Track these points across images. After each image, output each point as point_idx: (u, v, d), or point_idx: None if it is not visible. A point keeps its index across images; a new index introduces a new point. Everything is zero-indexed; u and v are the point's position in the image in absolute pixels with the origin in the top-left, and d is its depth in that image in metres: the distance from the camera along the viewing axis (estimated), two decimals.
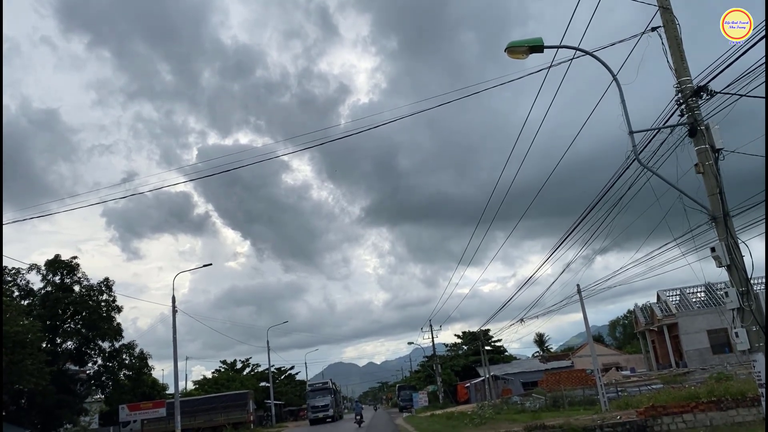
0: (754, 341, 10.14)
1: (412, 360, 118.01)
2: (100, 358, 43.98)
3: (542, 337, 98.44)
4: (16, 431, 34.36)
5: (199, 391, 67.50)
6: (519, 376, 61.99)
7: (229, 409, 51.01)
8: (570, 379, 47.63)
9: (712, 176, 10.88)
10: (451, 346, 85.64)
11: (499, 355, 77.92)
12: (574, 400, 35.67)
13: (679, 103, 11.28)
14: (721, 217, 10.71)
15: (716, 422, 21.04)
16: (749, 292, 10.33)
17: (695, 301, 52.49)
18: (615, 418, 23.39)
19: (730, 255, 10.48)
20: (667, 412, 21.91)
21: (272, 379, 74.68)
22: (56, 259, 42.03)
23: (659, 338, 54.38)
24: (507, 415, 32.48)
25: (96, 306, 41.94)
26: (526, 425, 24.18)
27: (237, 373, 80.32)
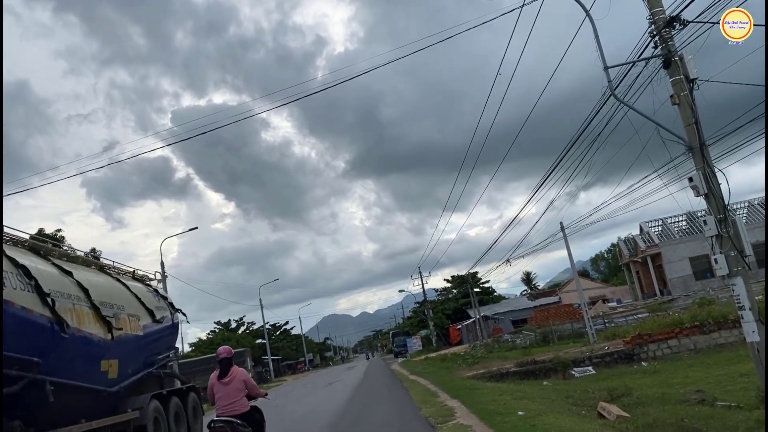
0: (733, 266, 10.42)
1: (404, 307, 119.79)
2: None
3: (529, 276, 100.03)
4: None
5: (195, 353, 68.22)
6: (509, 315, 63.22)
7: None
8: (558, 315, 48.69)
9: (687, 107, 10.95)
10: (441, 291, 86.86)
11: (488, 296, 79.21)
12: (563, 335, 36.61)
13: (652, 34, 11.23)
14: (698, 146, 10.83)
15: (699, 345, 21.81)
16: (726, 218, 10.55)
17: (677, 230, 53.38)
18: (603, 349, 24.14)
19: (708, 184, 10.65)
20: (652, 340, 22.64)
21: (268, 336, 75.62)
22: (40, 232, 41.64)
23: (643, 269, 55.48)
24: (499, 354, 33.32)
25: None
26: (518, 361, 24.90)
27: (232, 332, 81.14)
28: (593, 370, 21.60)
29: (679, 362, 20.12)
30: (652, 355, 22.15)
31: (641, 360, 21.88)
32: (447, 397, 16.13)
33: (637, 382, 16.49)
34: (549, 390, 16.94)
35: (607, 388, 14.74)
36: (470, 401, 13.92)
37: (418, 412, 13.74)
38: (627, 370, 20.56)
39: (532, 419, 10.08)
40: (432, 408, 13.95)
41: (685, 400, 12.01)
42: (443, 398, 15.97)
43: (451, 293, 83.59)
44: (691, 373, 17.17)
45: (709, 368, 17.66)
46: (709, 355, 20.34)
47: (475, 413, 11.89)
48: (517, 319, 59.88)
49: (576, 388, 16.69)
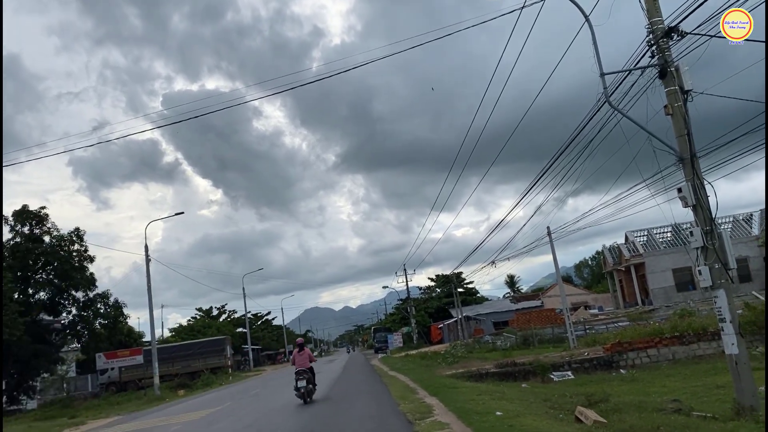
0: (716, 278, 10.51)
1: (387, 303, 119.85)
2: (75, 308, 43.75)
3: (513, 279, 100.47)
4: None
5: (175, 338, 67.92)
6: (490, 317, 63.45)
7: (207, 355, 51.49)
8: (540, 319, 48.92)
9: (680, 118, 11.02)
10: (425, 289, 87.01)
11: (471, 297, 79.47)
12: (543, 339, 36.81)
13: (650, 44, 11.29)
14: (689, 158, 10.91)
15: (678, 356, 22.02)
16: (713, 231, 10.64)
17: (662, 240, 53.83)
18: (583, 355, 24.29)
19: (696, 195, 10.73)
20: (632, 348, 22.82)
21: (249, 325, 75.40)
22: (24, 209, 41.19)
23: (626, 277, 55.91)
24: (479, 354, 33.44)
25: (67, 256, 41.45)
26: (498, 363, 24.99)
27: (213, 319, 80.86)
28: (572, 375, 21.71)
29: (657, 371, 20.28)
30: (631, 363, 22.33)
31: (620, 367, 22.04)
32: (426, 394, 16.16)
33: (615, 388, 16.59)
34: (527, 392, 17.01)
35: (586, 393, 14.81)
36: (449, 399, 13.95)
37: (397, 407, 13.74)
38: (605, 376, 20.71)
39: (509, 420, 10.11)
40: (410, 404, 13.96)
41: (661, 408, 12.10)
42: (422, 395, 15.99)
43: (434, 292, 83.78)
44: (669, 383, 17.31)
45: (686, 379, 17.81)
46: (687, 365, 20.53)
47: (453, 411, 11.92)
48: (499, 321, 60.10)
49: (554, 392, 16.77)
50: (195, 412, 20.82)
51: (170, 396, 35.09)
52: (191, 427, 16.07)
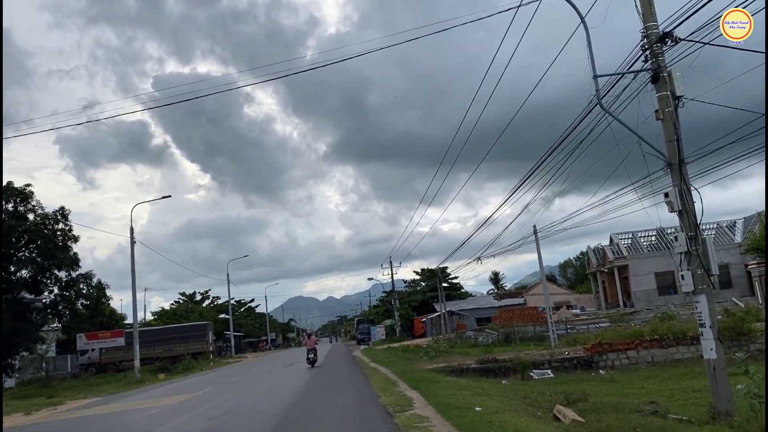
0: (699, 283, 10.63)
1: (371, 295, 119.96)
2: (57, 287, 43.39)
3: (497, 276, 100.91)
4: None
5: (158, 322, 67.64)
6: (473, 312, 63.74)
7: (189, 340, 51.38)
8: (522, 316, 49.21)
9: (671, 123, 11.10)
10: (410, 282, 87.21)
11: (455, 292, 79.76)
12: (525, 336, 37.04)
13: (644, 48, 11.34)
14: (677, 163, 11.00)
15: (657, 359, 22.24)
16: (697, 236, 10.75)
17: (646, 244, 54.31)
18: (563, 354, 24.47)
19: (682, 200, 10.83)
20: (612, 349, 23.01)
21: (232, 311, 75.27)
22: (9, 185, 40.75)
23: (609, 279, 56.36)
24: (460, 349, 33.60)
25: (51, 235, 41.08)
26: (479, 358, 25.12)
27: (196, 304, 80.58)
28: (552, 373, 21.87)
29: (635, 373, 20.47)
30: (610, 364, 22.52)
31: (599, 368, 22.23)
32: (406, 387, 16.23)
33: (594, 389, 16.74)
34: (507, 389, 17.13)
35: (564, 392, 14.93)
36: (429, 393, 14.02)
37: (377, 399, 13.80)
38: (585, 376, 20.87)
39: (489, 416, 10.18)
40: (391, 397, 14.02)
41: (639, 410, 12.23)
42: (402, 388, 16.06)
43: (419, 286, 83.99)
44: (647, 385, 17.50)
45: (664, 381, 18.01)
46: (666, 368, 20.74)
47: (433, 405, 11.98)
48: (482, 317, 60.39)
49: (534, 390, 16.89)
50: (175, 396, 20.79)
51: (151, 379, 35.00)
52: (170, 411, 16.05)
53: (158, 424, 13.33)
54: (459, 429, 9.12)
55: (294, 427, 10.59)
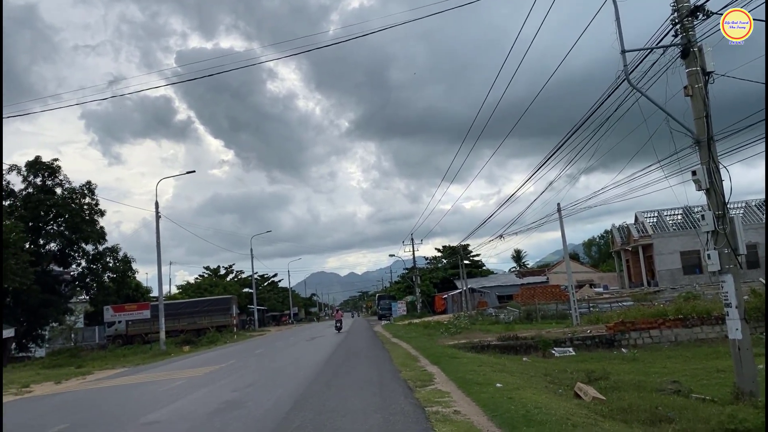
0: (725, 263, 10.48)
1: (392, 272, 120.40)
2: (84, 260, 44.29)
3: (520, 253, 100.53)
4: (3, 328, 35.03)
5: (182, 295, 68.71)
6: (495, 290, 63.74)
7: (213, 313, 52.15)
8: (544, 294, 49.10)
9: (700, 99, 10.86)
10: (431, 260, 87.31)
11: (476, 269, 79.71)
12: (546, 314, 36.96)
13: (674, 22, 11.07)
14: (705, 141, 10.78)
15: (681, 338, 22.08)
16: (725, 215, 10.57)
17: (672, 223, 53.58)
18: (585, 332, 24.40)
19: (710, 179, 10.64)
20: (635, 328, 22.89)
21: (255, 286, 76.12)
22: (37, 160, 41.42)
23: (634, 258, 55.83)
24: (481, 326, 33.63)
25: (78, 209, 41.79)
26: (500, 335, 25.15)
27: (220, 278, 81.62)
28: (573, 351, 21.85)
29: (658, 352, 20.37)
30: (633, 342, 22.42)
31: (622, 347, 22.15)
32: (427, 362, 16.32)
33: (616, 367, 16.69)
34: (528, 366, 17.16)
35: (586, 370, 14.91)
36: (450, 369, 14.09)
37: (398, 374, 13.90)
38: (606, 354, 20.82)
39: (509, 392, 10.21)
40: (411, 372, 14.12)
41: (660, 389, 12.18)
42: (423, 363, 16.15)
43: (440, 263, 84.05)
44: (669, 364, 17.40)
45: (687, 361, 17.89)
46: (689, 348, 20.60)
47: (453, 381, 12.05)
48: (503, 295, 60.40)
49: (555, 367, 16.90)
50: (199, 368, 21.18)
51: (175, 351, 35.65)
52: (195, 383, 16.37)
53: (183, 395, 13.61)
54: (480, 405, 9.17)
55: (316, 401, 10.74)
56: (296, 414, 9.41)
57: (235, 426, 9.00)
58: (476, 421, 7.96)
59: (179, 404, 12.10)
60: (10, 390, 19.12)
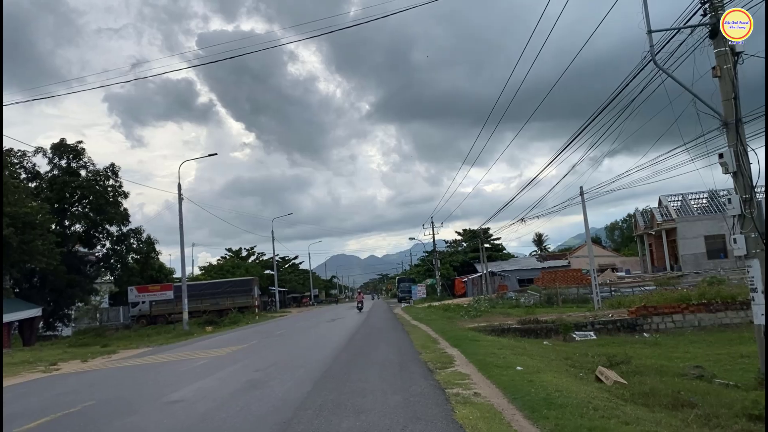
0: (752, 247, 10.32)
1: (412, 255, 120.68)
2: (109, 241, 45.01)
3: (541, 237, 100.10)
4: (30, 307, 35.80)
5: (205, 277, 69.53)
6: (516, 273, 63.54)
7: (235, 294, 52.73)
8: (565, 278, 48.84)
9: (728, 80, 10.64)
10: (451, 243, 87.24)
11: (497, 253, 79.51)
12: (567, 298, 36.82)
13: (702, 1, 10.83)
14: (733, 122, 10.58)
15: (704, 323, 21.86)
16: (752, 199, 10.39)
17: (696, 206, 52.82)
18: (606, 316, 24.26)
19: (738, 162, 10.45)
20: (657, 312, 22.70)
21: (276, 268, 76.75)
22: (62, 143, 42.00)
23: (657, 242, 55.22)
24: (501, 309, 33.61)
25: (102, 191, 42.38)
26: (520, 319, 25.12)
27: (242, 260, 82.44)
28: (594, 335, 21.75)
29: (681, 337, 20.20)
30: (655, 327, 22.26)
31: (643, 331, 22.00)
32: (447, 345, 16.36)
33: (637, 351, 16.59)
34: (549, 349, 17.12)
35: (607, 354, 14.85)
36: (470, 351, 14.11)
37: (418, 356, 13.96)
38: (628, 339, 20.70)
39: (530, 375, 10.21)
40: (431, 354, 14.16)
41: (683, 374, 12.10)
42: (443, 346, 16.19)
43: (460, 246, 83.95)
44: (692, 349, 17.25)
45: (710, 346, 17.72)
46: (712, 333, 20.40)
47: (473, 363, 12.06)
48: (524, 279, 60.20)
49: (576, 351, 16.84)
50: (222, 348, 21.47)
51: (198, 331, 36.15)
52: (218, 362, 16.59)
53: (207, 374, 13.82)
54: (500, 387, 9.18)
55: (337, 381, 10.83)
56: (317, 394, 9.51)
57: (258, 405, 9.12)
58: (497, 404, 7.97)
59: (202, 383, 12.28)
60: (39, 367, 19.58)
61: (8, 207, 28.99)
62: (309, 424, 7.33)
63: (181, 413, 9.06)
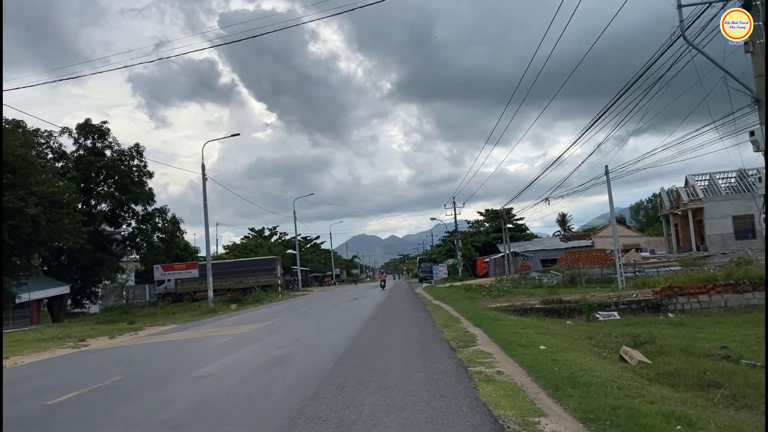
0: None
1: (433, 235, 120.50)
2: (134, 220, 45.57)
3: (565, 217, 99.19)
4: (58, 285, 36.56)
5: (229, 255, 70.29)
6: (539, 254, 63.20)
7: (259, 273, 53.32)
8: (589, 258, 48.49)
9: (761, 56, 10.37)
10: (473, 223, 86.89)
11: (520, 233, 79.05)
12: (591, 278, 36.58)
13: None
14: (765, 100, 10.32)
15: (731, 304, 21.57)
16: None
17: (724, 186, 51.87)
18: (630, 296, 24.07)
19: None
20: (683, 293, 22.45)
21: (299, 247, 77.31)
22: (87, 123, 42.42)
23: (683, 222, 54.43)
24: (524, 289, 33.50)
25: (127, 170, 42.82)
26: (543, 299, 25.04)
27: (265, 240, 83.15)
28: (618, 315, 21.60)
29: (707, 318, 19.97)
30: (680, 307, 22.03)
31: (668, 311, 21.79)
32: (469, 324, 16.37)
33: (662, 332, 16.43)
34: (572, 329, 17.04)
35: (631, 334, 14.75)
36: (492, 331, 14.10)
37: (440, 335, 13.99)
38: (652, 319, 20.51)
39: (553, 354, 10.18)
40: (454, 333, 14.19)
41: (709, 354, 11.96)
42: (465, 325, 16.21)
43: (482, 226, 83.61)
44: (718, 330, 17.05)
45: (737, 327, 17.49)
46: (739, 314, 20.13)
47: (496, 342, 12.06)
48: (547, 259, 59.88)
49: (599, 331, 16.74)
50: (246, 326, 21.75)
51: (223, 309, 36.64)
52: (242, 339, 16.83)
53: (232, 351, 14.02)
54: (523, 366, 9.17)
55: (359, 358, 10.92)
56: (341, 370, 9.59)
57: (283, 380, 9.24)
58: (520, 382, 7.97)
59: (228, 359, 12.47)
60: (68, 343, 20.02)
61: (36, 186, 29.47)
62: (333, 400, 7.41)
63: (208, 388, 9.22)
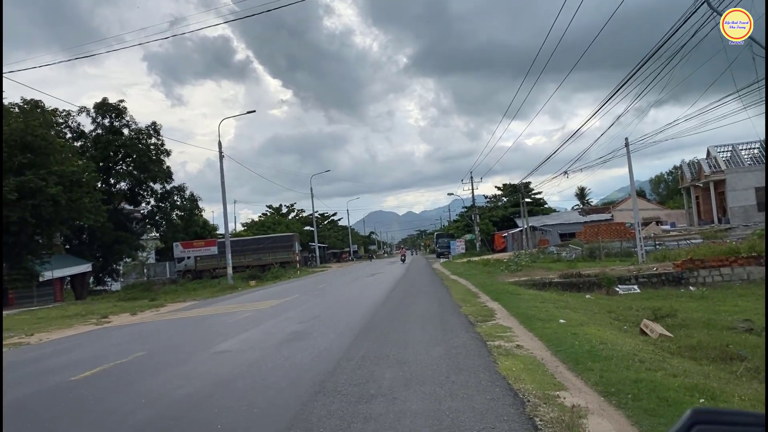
0: None
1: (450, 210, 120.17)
2: (153, 199, 45.99)
3: (583, 191, 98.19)
4: (80, 263, 37.08)
5: (247, 233, 70.76)
6: (557, 228, 62.77)
7: (277, 250, 53.65)
8: (609, 232, 48.06)
9: None
10: (491, 198, 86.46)
11: (538, 207, 78.53)
12: (611, 252, 36.25)
13: None
14: None
15: (753, 276, 21.27)
16: None
17: (748, 157, 50.92)
18: (651, 270, 23.82)
19: None
20: (704, 266, 22.17)
21: (316, 224, 77.57)
22: (104, 102, 42.64)
23: (704, 194, 53.65)
24: (542, 264, 33.32)
25: (145, 149, 43.09)
26: (562, 273, 24.87)
27: (283, 217, 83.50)
28: (638, 289, 21.42)
29: (729, 291, 19.72)
30: (701, 281, 21.77)
31: (689, 284, 21.55)
32: (488, 299, 16.35)
33: (683, 305, 16.28)
34: (591, 303, 16.95)
35: (652, 308, 14.62)
36: (511, 305, 14.06)
37: (458, 309, 13.99)
38: (673, 292, 20.30)
39: (573, 328, 10.12)
40: (472, 307, 14.17)
41: (731, 327, 11.82)
42: (483, 299, 16.19)
43: (500, 201, 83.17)
44: (741, 303, 16.83)
45: (760, 300, 17.25)
46: (762, 287, 19.83)
47: (515, 317, 12.03)
48: (566, 233, 59.45)
49: (619, 305, 16.63)
50: (266, 302, 21.92)
51: (242, 286, 36.97)
52: (262, 315, 16.96)
53: (252, 326, 14.13)
54: (543, 340, 9.13)
55: (378, 333, 10.94)
56: (360, 345, 9.62)
57: (303, 355, 9.29)
58: (540, 356, 7.93)
59: (248, 335, 12.57)
60: (91, 320, 20.35)
61: (56, 166, 29.78)
62: (352, 374, 7.43)
63: (229, 362, 9.30)
